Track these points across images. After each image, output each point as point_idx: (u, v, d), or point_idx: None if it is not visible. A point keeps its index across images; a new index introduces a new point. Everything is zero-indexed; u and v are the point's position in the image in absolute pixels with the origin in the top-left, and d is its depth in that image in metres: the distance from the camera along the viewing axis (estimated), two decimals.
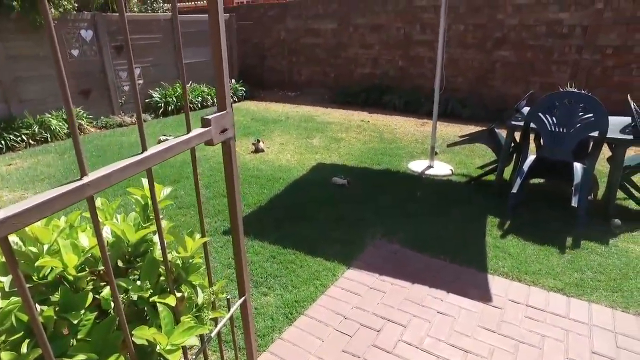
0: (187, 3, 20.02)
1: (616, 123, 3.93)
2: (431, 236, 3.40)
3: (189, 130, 0.98)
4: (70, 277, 0.98)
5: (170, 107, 7.98)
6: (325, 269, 2.97)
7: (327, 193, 4.24)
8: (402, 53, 8.29)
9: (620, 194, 3.95)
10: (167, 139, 4.50)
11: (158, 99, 8.01)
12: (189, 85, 8.73)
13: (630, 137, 3.54)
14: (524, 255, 3.11)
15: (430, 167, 4.83)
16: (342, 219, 3.69)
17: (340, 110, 8.11)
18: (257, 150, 5.58)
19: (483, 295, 2.69)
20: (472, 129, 6.31)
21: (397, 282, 2.83)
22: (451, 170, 4.78)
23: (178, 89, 8.29)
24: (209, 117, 1.03)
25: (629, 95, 4.03)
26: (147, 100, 8.04)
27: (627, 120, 3.94)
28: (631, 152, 4.74)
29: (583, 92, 3.70)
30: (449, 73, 7.70)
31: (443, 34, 4.63)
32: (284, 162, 5.19)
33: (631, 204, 3.90)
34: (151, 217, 1.23)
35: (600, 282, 2.80)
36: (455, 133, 6.24)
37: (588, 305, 2.59)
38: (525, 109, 4.17)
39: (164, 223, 1.34)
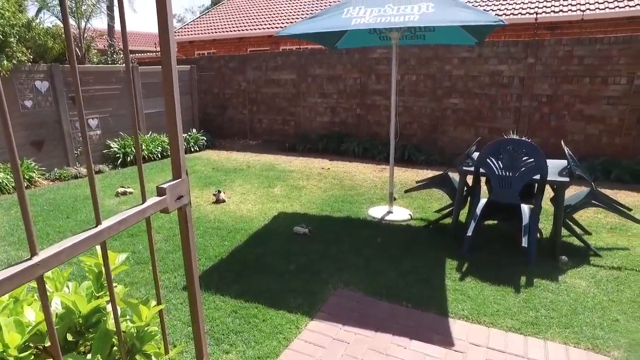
0: (149, 54, 20.17)
1: (556, 166, 4.25)
2: (392, 282, 3.45)
3: (143, 201, 1.00)
4: (11, 359, 0.93)
5: (129, 158, 7.84)
6: (289, 321, 2.93)
7: (289, 243, 4.24)
8: (359, 102, 8.68)
9: (565, 231, 4.20)
10: (125, 191, 4.41)
11: (117, 150, 7.87)
12: (149, 135, 8.66)
13: (567, 179, 3.83)
14: (482, 297, 3.21)
15: (389, 212, 4.97)
16: (304, 269, 3.69)
17: (301, 158, 8.27)
18: (218, 200, 5.54)
19: (445, 340, 2.73)
20: (428, 173, 6.58)
21: (360, 331, 2.83)
22: (410, 215, 4.94)
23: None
24: (164, 185, 1.06)
25: (562, 141, 4.40)
26: (105, 151, 7.89)
27: (564, 162, 4.28)
28: (572, 191, 5.08)
29: (524, 138, 4.01)
30: (404, 120, 8.11)
31: (395, 84, 4.93)
32: (245, 213, 5.17)
33: (575, 241, 4.14)
34: (105, 285, 1.21)
35: (553, 319, 2.91)
36: (412, 178, 6.48)
37: (544, 343, 2.68)
38: (476, 154, 4.44)
39: (119, 289, 1.32)
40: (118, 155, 7.82)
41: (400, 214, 4.95)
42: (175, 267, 3.73)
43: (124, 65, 8.89)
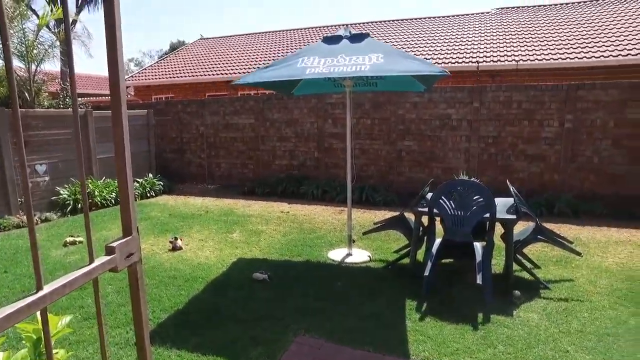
0: (105, 97, 19.81)
1: (505, 203, 4.49)
2: (354, 326, 3.42)
3: (91, 260, 0.98)
4: None
5: (79, 205, 7.49)
6: None
7: (248, 290, 4.14)
8: (316, 145, 8.87)
9: (517, 266, 4.37)
10: (75, 241, 4.19)
11: (66, 196, 7.52)
12: (102, 180, 8.36)
13: (514, 216, 4.05)
14: (442, 336, 3.24)
15: (349, 255, 5.00)
16: (264, 317, 3.59)
17: (260, 202, 8.23)
18: (175, 248, 5.37)
19: None
20: (386, 214, 6.72)
21: None
22: (369, 256, 4.99)
23: (90, 185, 7.89)
24: (114, 244, 1.04)
25: (507, 181, 4.68)
26: (53, 198, 7.51)
27: (512, 200, 4.53)
28: (520, 227, 5.34)
29: (473, 179, 4.24)
30: (361, 162, 8.34)
31: (350, 129, 5.11)
32: (203, 260, 5.03)
33: (526, 275, 4.32)
34: (45, 352, 1.14)
35: (510, 355, 2.98)
36: (371, 219, 6.59)
37: None
38: (429, 195, 4.62)
39: (61, 354, 1.24)
40: (68, 202, 7.46)
41: (359, 256, 4.99)
42: (127, 321, 3.53)
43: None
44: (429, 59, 12.17)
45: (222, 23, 67.11)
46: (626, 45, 10.67)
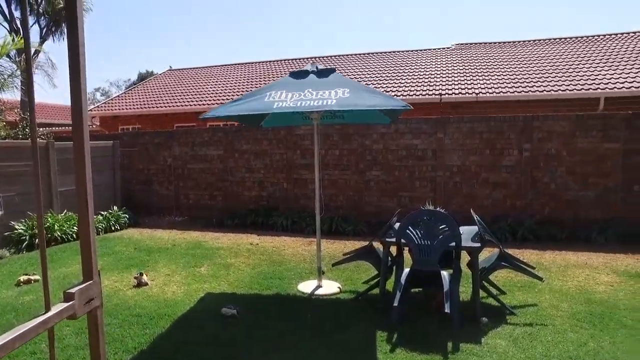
0: (70, 128, 19.26)
1: (470, 231, 4.61)
2: None
3: (47, 308, 0.95)
4: None
5: (36, 240, 7.14)
6: None
7: (216, 327, 4.02)
8: (286, 176, 8.91)
9: (484, 292, 4.47)
10: (29, 279, 3.98)
11: (22, 231, 7.16)
12: (63, 214, 8.03)
13: (479, 244, 4.18)
14: None
15: (319, 287, 4.96)
16: (232, 354, 3.49)
17: (229, 234, 8.10)
18: (140, 284, 5.17)
19: None
20: (355, 244, 6.74)
21: None
22: (339, 287, 4.97)
23: (49, 219, 7.56)
24: (73, 289, 1.02)
25: (471, 210, 4.84)
26: (7, 233, 7.13)
27: (476, 228, 4.67)
28: (486, 253, 5.48)
29: (439, 208, 4.36)
30: (330, 192, 8.41)
31: (318, 161, 5.19)
32: (170, 296, 4.87)
33: (493, 301, 4.41)
34: None
35: None
36: (340, 250, 6.60)
37: None
38: (397, 225, 4.70)
39: None
40: (24, 237, 7.10)
41: (329, 287, 4.96)
42: None
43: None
44: (394, 92, 12.63)
45: (191, 54, 67.46)
46: (572, 80, 11.49)
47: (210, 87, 16.73)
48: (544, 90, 11.33)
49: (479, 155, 7.83)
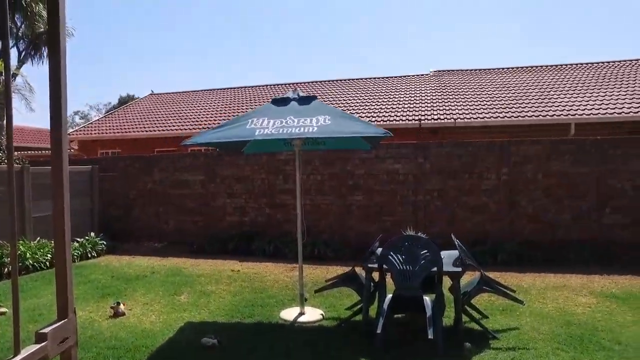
0: (46, 152, 18.87)
1: (451, 256, 4.64)
2: None
3: (16, 351, 0.92)
4: None
5: (6, 269, 6.86)
6: None
7: (196, 358, 3.91)
8: (268, 201, 8.87)
9: (466, 317, 4.47)
10: None
11: None
12: (35, 241, 7.77)
13: (460, 269, 4.21)
14: None
15: (301, 314, 4.89)
16: None
17: (209, 260, 7.95)
18: (117, 314, 5.00)
19: None
20: (338, 269, 6.70)
21: None
22: (322, 314, 4.91)
23: (21, 246, 7.30)
24: (46, 329, 0.99)
25: (452, 234, 4.89)
26: None
27: (457, 252, 4.71)
28: (468, 277, 5.52)
29: (420, 233, 4.40)
30: (312, 218, 8.37)
31: (300, 186, 5.20)
32: (148, 326, 4.72)
33: (476, 325, 4.42)
34: None
35: None
36: (323, 275, 6.55)
37: None
38: (379, 250, 4.71)
39: None
40: None
41: (312, 314, 4.89)
42: None
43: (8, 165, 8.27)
44: (374, 117, 12.87)
45: (175, 79, 67.43)
46: (544, 107, 11.96)
47: (192, 112, 16.73)
48: (519, 116, 11.72)
49: (459, 180, 7.98)
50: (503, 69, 16.39)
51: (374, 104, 14.23)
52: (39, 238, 7.91)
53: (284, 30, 67.39)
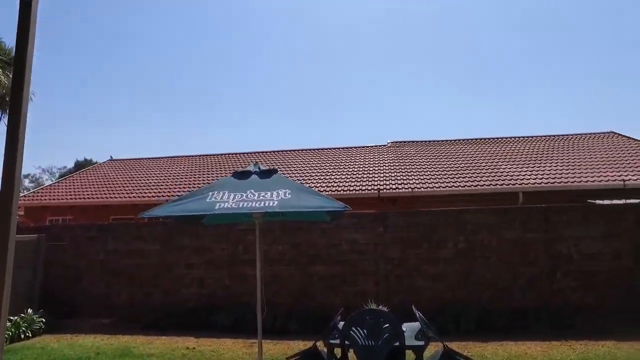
0: None
1: (414, 328, 4.61)
2: None
3: None
4: None
5: None
6: None
7: None
8: (227, 272, 8.60)
9: None
10: None
11: None
12: None
13: (422, 342, 4.17)
14: None
15: None
16: None
17: (163, 337, 7.43)
18: None
19: None
20: (299, 343, 6.47)
21: None
22: None
23: None
24: None
25: (413, 306, 4.89)
26: None
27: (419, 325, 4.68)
28: (432, 349, 5.44)
29: (381, 307, 4.38)
30: (273, 289, 8.15)
31: (260, 257, 5.12)
32: None
33: None
34: None
35: None
36: (284, 352, 6.26)
37: None
38: (341, 324, 4.60)
39: None
40: None
41: None
42: None
43: None
44: (335, 187, 13.19)
45: (135, 145, 66.58)
46: (494, 177, 12.77)
47: (152, 179, 16.49)
48: (472, 185, 12.39)
49: (418, 248, 8.13)
50: (455, 140, 17.55)
51: (335, 173, 14.64)
52: None
53: (248, 96, 69.61)
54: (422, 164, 14.69)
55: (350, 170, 14.77)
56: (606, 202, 9.52)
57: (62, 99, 64.60)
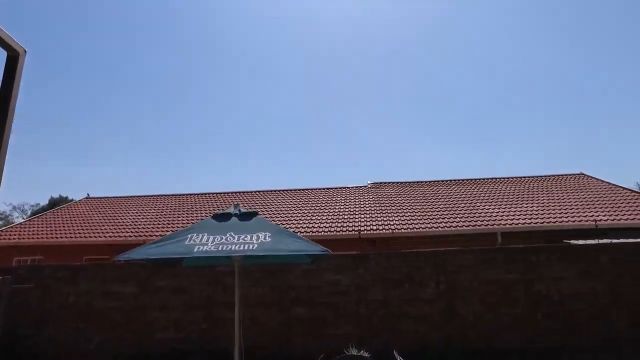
0: None
1: None
2: None
3: None
4: None
5: None
6: None
7: None
8: (205, 315, 8.32)
9: None
10: None
11: None
12: None
13: None
14: None
15: None
16: None
17: None
18: None
19: None
20: None
21: None
22: None
23: None
24: None
25: (394, 351, 4.83)
26: None
27: None
28: None
29: (362, 352, 4.29)
30: (253, 333, 7.90)
31: (239, 300, 5.00)
32: None
33: None
34: None
35: None
36: None
37: None
38: None
39: None
40: None
41: None
42: None
43: None
44: (315, 227, 13.16)
45: (113, 183, 65.40)
46: (472, 217, 12.97)
47: (129, 218, 16.14)
48: (451, 226, 12.54)
49: (400, 289, 8.08)
50: (434, 181, 17.90)
51: (316, 214, 14.65)
52: None
53: (228, 135, 69.94)
54: (402, 204, 14.87)
55: (331, 210, 14.81)
56: (580, 242, 9.76)
57: (41, 132, 63.67)
